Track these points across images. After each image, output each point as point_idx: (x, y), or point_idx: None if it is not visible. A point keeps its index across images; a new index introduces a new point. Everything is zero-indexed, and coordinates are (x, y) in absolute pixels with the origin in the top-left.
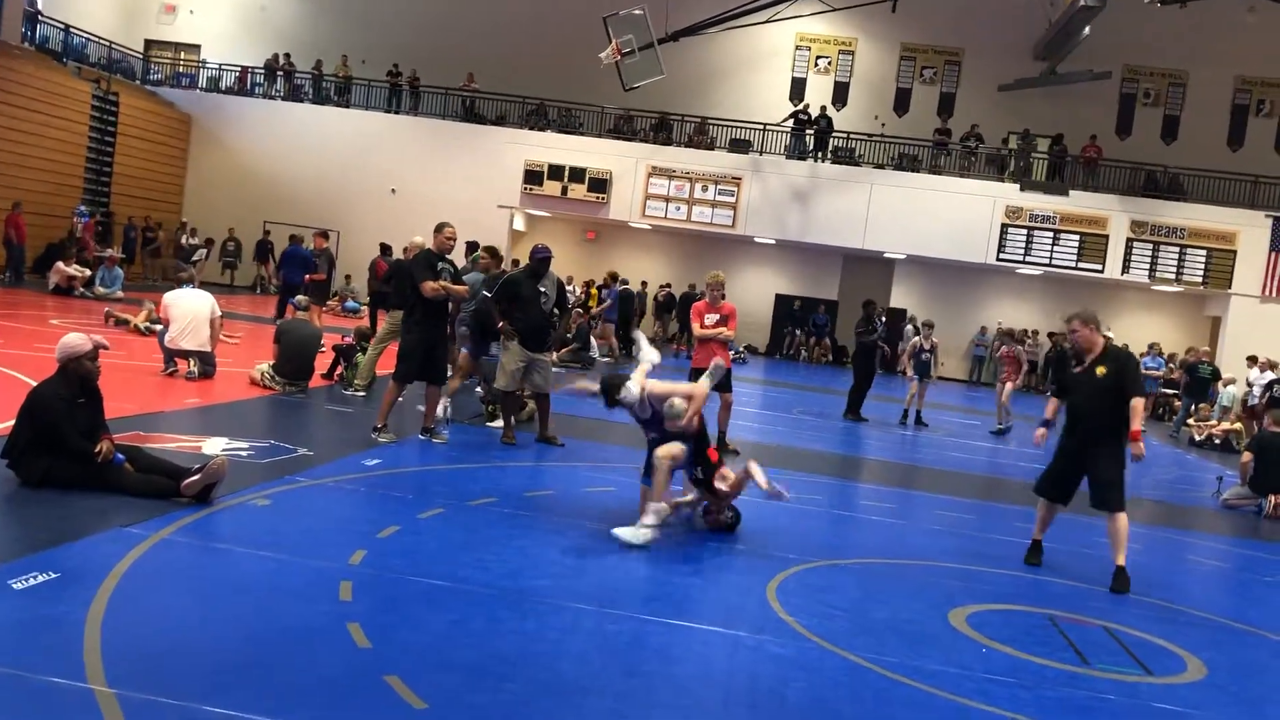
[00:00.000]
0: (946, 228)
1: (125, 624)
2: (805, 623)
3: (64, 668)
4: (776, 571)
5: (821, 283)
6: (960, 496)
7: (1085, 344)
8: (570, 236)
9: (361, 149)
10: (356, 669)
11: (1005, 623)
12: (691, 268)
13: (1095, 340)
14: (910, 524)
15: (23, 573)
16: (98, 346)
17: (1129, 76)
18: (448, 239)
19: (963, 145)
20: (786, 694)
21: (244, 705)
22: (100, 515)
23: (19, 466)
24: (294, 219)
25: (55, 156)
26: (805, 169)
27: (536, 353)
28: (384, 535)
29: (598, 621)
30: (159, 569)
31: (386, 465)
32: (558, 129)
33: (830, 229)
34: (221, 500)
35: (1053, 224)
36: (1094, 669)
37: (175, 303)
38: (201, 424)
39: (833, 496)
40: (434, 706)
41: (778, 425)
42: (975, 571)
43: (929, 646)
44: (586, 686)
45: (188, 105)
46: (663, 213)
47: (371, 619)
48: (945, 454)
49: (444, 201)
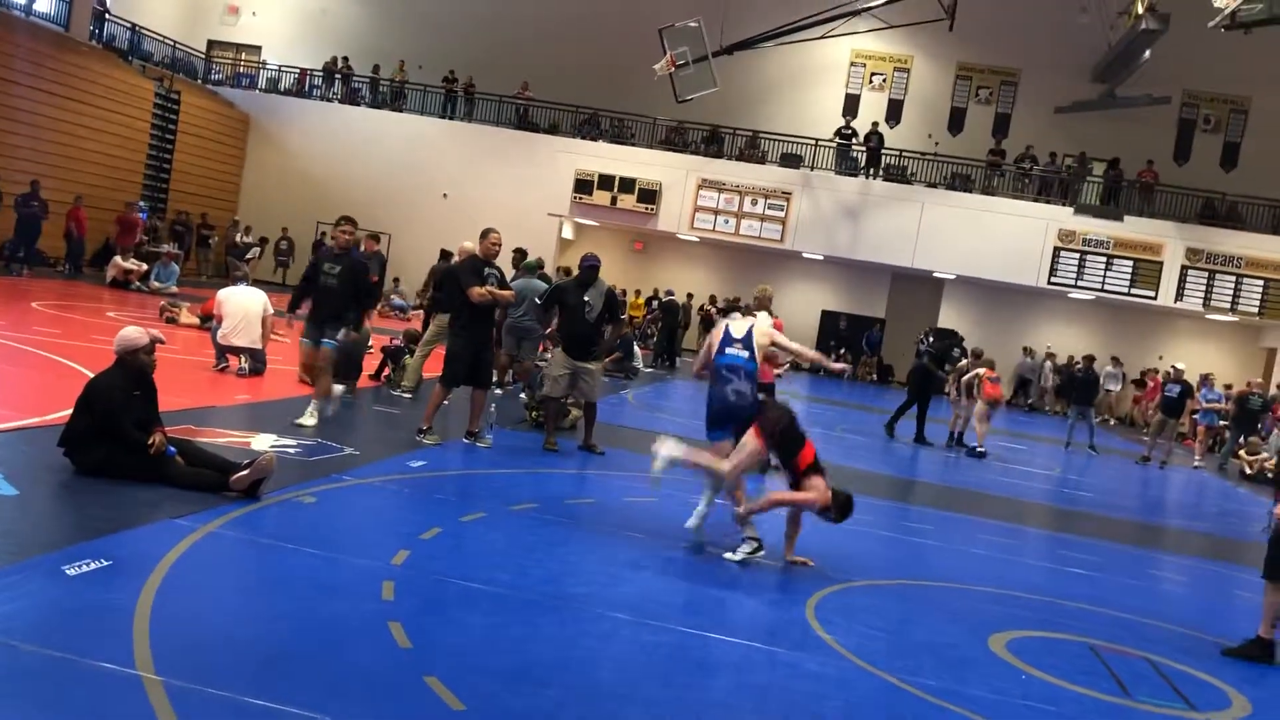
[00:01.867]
0: (998, 249)
1: (173, 613)
2: (844, 642)
3: (113, 653)
4: (816, 590)
5: (869, 300)
6: (1005, 521)
7: None
8: (618, 246)
9: (415, 153)
10: (397, 668)
11: (1046, 650)
12: (738, 281)
13: None
14: (953, 546)
15: (77, 559)
16: (154, 340)
17: (1189, 101)
18: (493, 245)
19: (1017, 166)
20: (822, 712)
21: (286, 698)
22: (152, 506)
23: (75, 455)
24: None
25: (117, 152)
26: (856, 185)
27: (581, 361)
28: (427, 537)
29: (635, 631)
30: (207, 561)
31: (431, 467)
32: (609, 139)
33: (880, 246)
34: (269, 496)
35: (1106, 249)
36: (1135, 701)
37: (228, 300)
38: (251, 420)
39: (876, 516)
40: (472, 709)
41: (821, 443)
42: (1017, 597)
43: (968, 671)
44: (622, 695)
45: (247, 105)
46: (711, 225)
47: (413, 619)
48: (989, 477)
49: (494, 207)
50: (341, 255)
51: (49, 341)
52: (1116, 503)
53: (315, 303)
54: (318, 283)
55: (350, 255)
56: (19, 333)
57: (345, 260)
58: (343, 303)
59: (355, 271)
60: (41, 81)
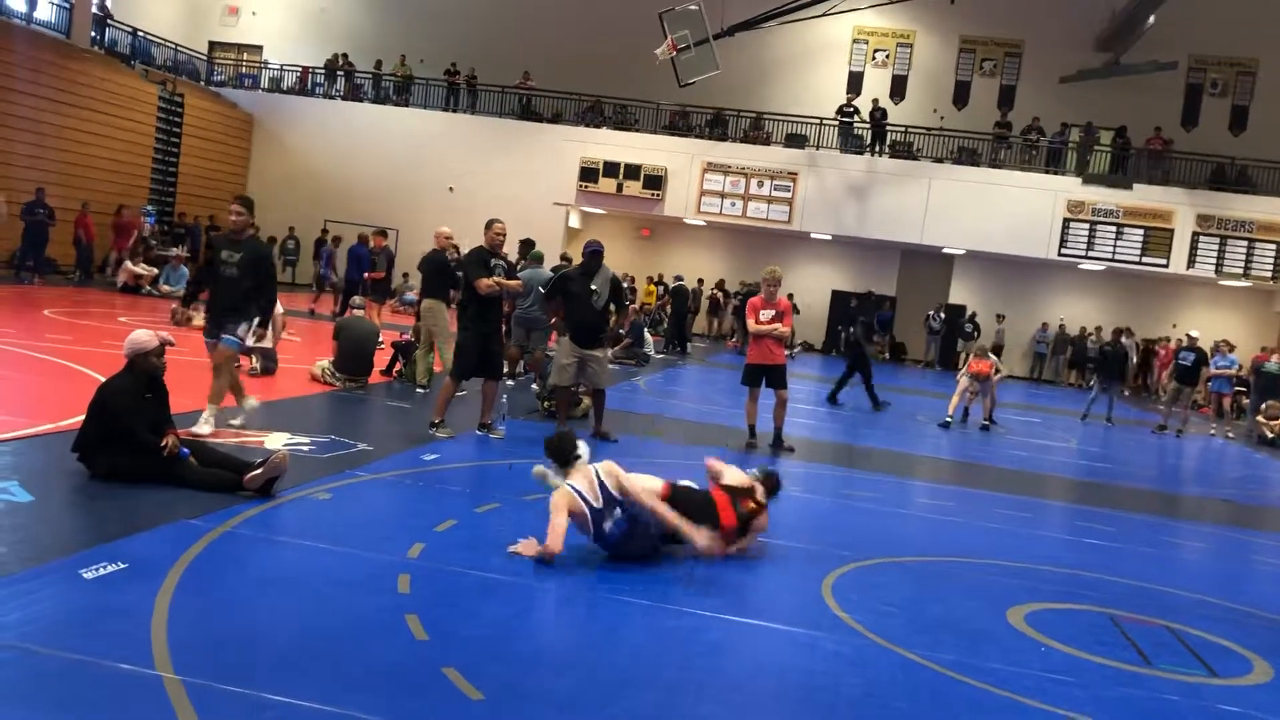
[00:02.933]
0: (1007, 222)
1: (191, 613)
2: (861, 620)
3: (133, 655)
4: (832, 569)
5: (879, 278)
6: (1021, 494)
7: None
8: (625, 234)
9: (420, 148)
10: (415, 660)
11: (1065, 622)
12: (747, 264)
13: None
14: (968, 522)
15: (93, 562)
16: (164, 343)
17: (1195, 66)
18: (497, 235)
19: (1023, 138)
20: (840, 690)
21: (306, 694)
22: (166, 508)
23: (89, 460)
24: (354, 217)
25: (123, 157)
26: (862, 164)
27: (588, 349)
28: (442, 529)
29: (652, 616)
30: (223, 560)
31: (444, 460)
32: (613, 126)
33: (888, 224)
34: (283, 494)
35: (1116, 218)
36: (1156, 669)
37: None
38: (264, 419)
39: (889, 493)
40: (490, 698)
41: (834, 423)
42: (1034, 570)
43: (986, 645)
44: (639, 679)
45: (250, 105)
46: (718, 209)
47: (429, 611)
48: (1004, 452)
49: (500, 199)
50: (241, 241)
51: (61, 348)
52: (1134, 472)
53: (213, 294)
54: (216, 272)
55: (253, 242)
56: (32, 340)
57: (246, 247)
58: (243, 294)
59: (257, 260)
60: (44, 89)
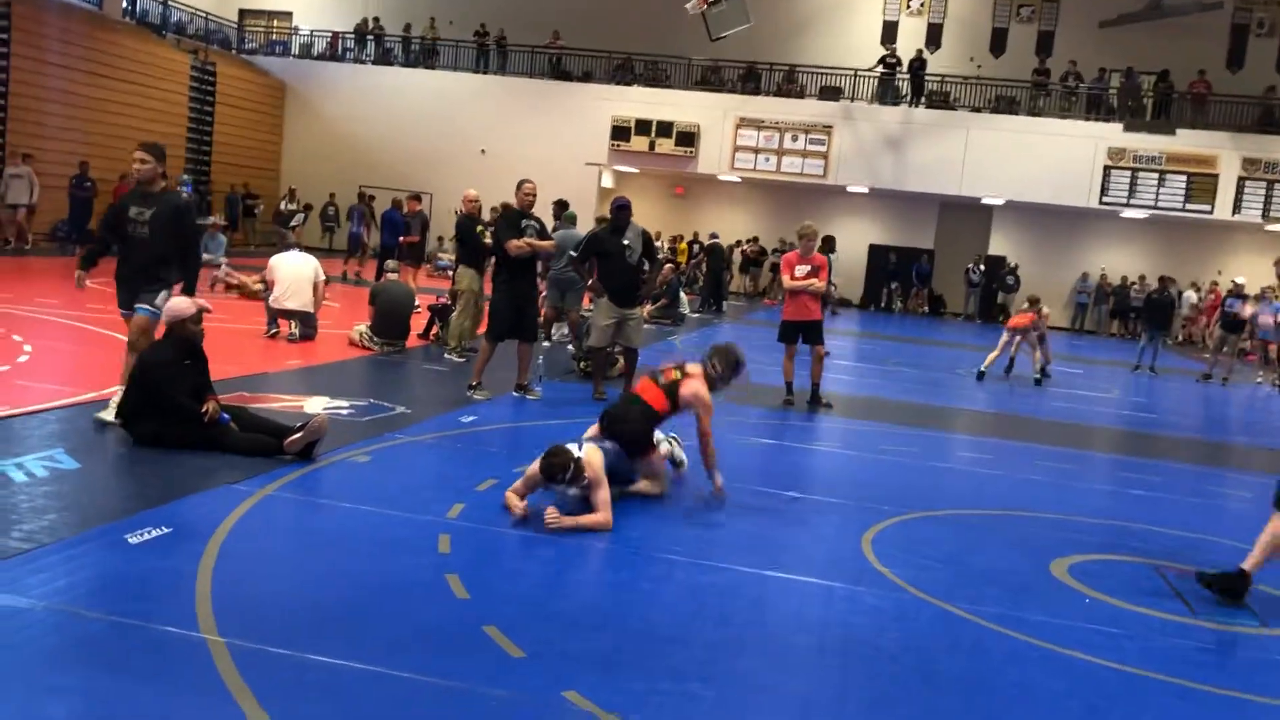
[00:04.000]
0: (1047, 171)
1: (234, 576)
2: (901, 574)
3: (178, 618)
4: (872, 523)
5: (917, 231)
6: (1065, 446)
7: None
8: (659, 192)
9: (451, 110)
10: (456, 619)
11: (1109, 573)
12: (782, 220)
13: None
14: (1010, 475)
15: (138, 528)
16: (201, 310)
17: (1241, 5)
18: (527, 195)
19: (1063, 85)
20: (881, 644)
21: (347, 654)
22: (208, 473)
23: (131, 427)
24: (388, 182)
25: (157, 128)
26: (898, 114)
27: (626, 308)
28: (481, 489)
29: (690, 572)
30: (265, 524)
31: (482, 421)
32: (644, 83)
33: (925, 176)
34: (324, 457)
35: (1159, 164)
36: (1203, 620)
37: (278, 265)
38: (303, 384)
39: (928, 447)
40: (531, 655)
41: (872, 378)
42: (1077, 522)
43: (1029, 597)
44: (678, 636)
45: (282, 73)
46: (752, 165)
47: (470, 570)
48: (1047, 404)
49: (532, 160)
50: (153, 196)
51: (104, 318)
52: (1178, 422)
53: (123, 258)
54: (125, 233)
55: (167, 195)
56: (76, 310)
57: (159, 202)
58: (159, 256)
59: (176, 215)
60: (76, 61)
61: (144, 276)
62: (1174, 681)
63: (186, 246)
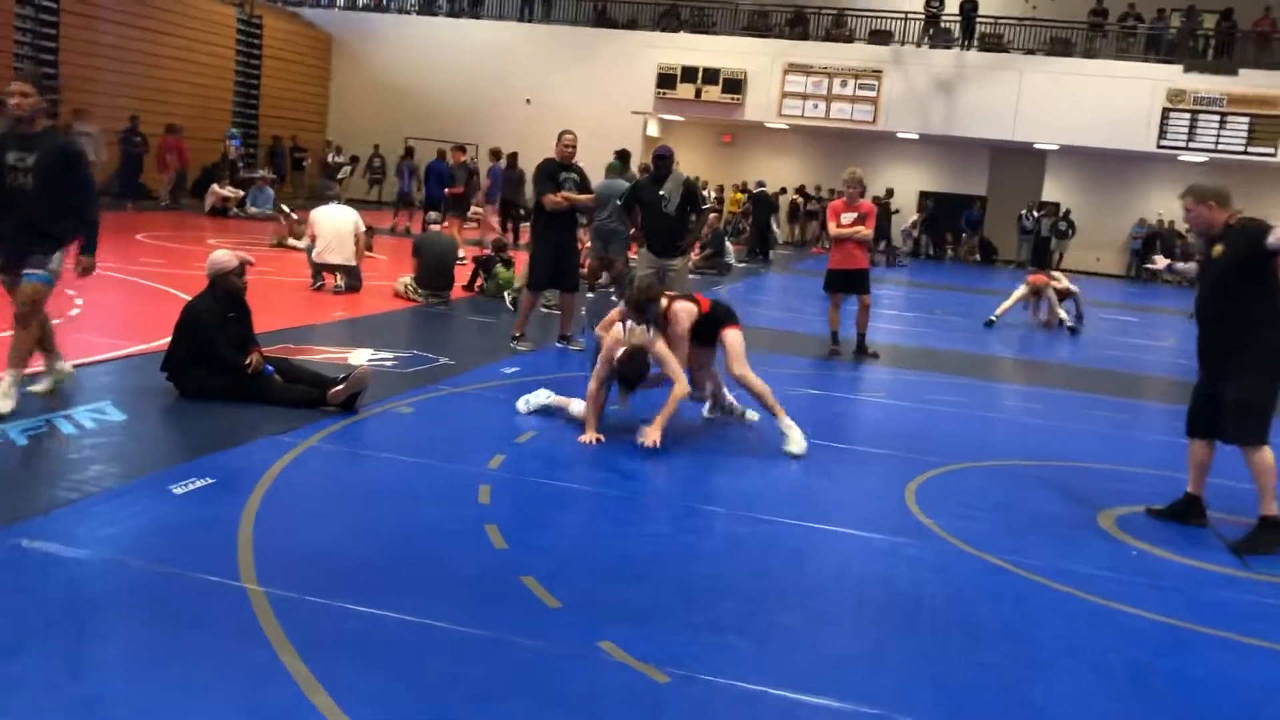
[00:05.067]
0: (1103, 115)
1: (276, 527)
2: (945, 525)
3: (219, 567)
4: (915, 474)
5: (969, 178)
6: (1113, 396)
7: (1202, 225)
8: (706, 140)
9: (496, 60)
10: (494, 569)
11: (1158, 525)
12: (830, 168)
13: (1215, 219)
14: (1057, 424)
15: (182, 478)
16: (243, 263)
17: None
18: (566, 147)
19: (1120, 26)
20: (922, 596)
21: (386, 604)
22: (252, 424)
23: (177, 379)
24: (434, 134)
25: (204, 81)
26: (950, 58)
27: (666, 258)
28: (522, 440)
29: (730, 525)
30: (307, 474)
31: (525, 373)
32: (690, 29)
33: (977, 121)
34: (366, 408)
35: (1220, 106)
36: (1254, 572)
37: (319, 219)
38: (348, 336)
39: (976, 398)
40: (567, 605)
41: (919, 326)
42: (1125, 473)
43: (1075, 549)
44: (717, 587)
45: (328, 24)
46: (800, 111)
47: (509, 521)
48: (1099, 353)
49: (578, 110)
50: (34, 137)
51: (154, 271)
52: None
53: (4, 214)
54: (3, 183)
55: (52, 135)
56: (125, 264)
57: (42, 143)
58: (48, 210)
59: (63, 159)
60: (124, 15)
61: (30, 235)
62: (1220, 634)
63: (84, 197)
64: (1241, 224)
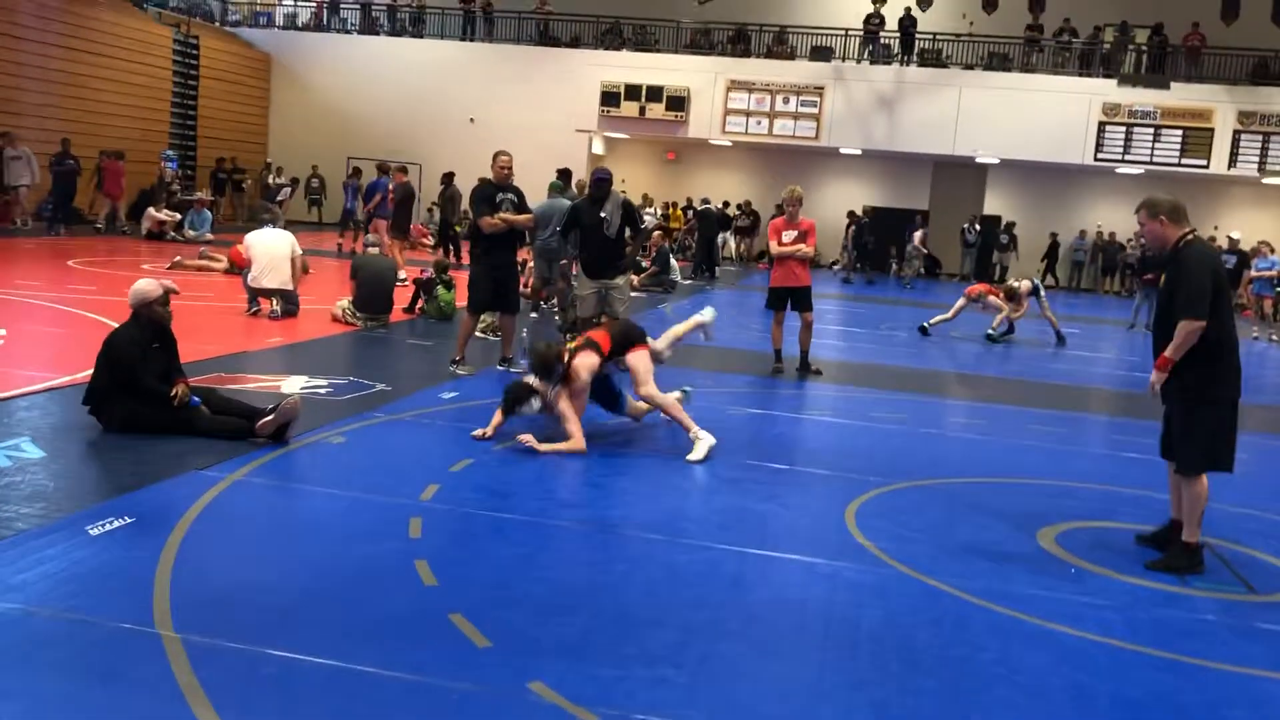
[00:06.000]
0: (1041, 129)
1: (195, 567)
2: (885, 547)
3: (133, 613)
4: (856, 495)
5: (911, 192)
6: (1055, 409)
7: (1155, 241)
8: (650, 158)
9: (438, 79)
10: (422, 608)
11: (1099, 542)
12: (775, 184)
13: (1167, 235)
14: (999, 440)
15: (100, 518)
16: (168, 291)
17: None
18: (502, 168)
19: (1056, 41)
20: (861, 622)
21: (307, 647)
22: (177, 458)
23: (100, 412)
24: (376, 153)
25: (140, 103)
26: (890, 74)
27: (606, 279)
28: (457, 469)
29: (668, 552)
30: (232, 511)
31: (463, 398)
32: (633, 47)
33: (918, 136)
34: (298, 439)
35: (1153, 119)
36: (1192, 588)
37: (255, 243)
38: (284, 363)
39: (919, 414)
40: (497, 644)
41: (864, 342)
42: (1069, 488)
43: (1014, 568)
44: (653, 618)
45: (266, 44)
46: (743, 128)
47: (440, 555)
48: (1040, 365)
49: (522, 128)
50: None
51: (84, 299)
52: None
53: None
54: None
55: None
56: (55, 291)
57: None
58: None
59: None
60: (53, 36)
61: None
62: (1161, 655)
63: None
64: (1188, 246)
